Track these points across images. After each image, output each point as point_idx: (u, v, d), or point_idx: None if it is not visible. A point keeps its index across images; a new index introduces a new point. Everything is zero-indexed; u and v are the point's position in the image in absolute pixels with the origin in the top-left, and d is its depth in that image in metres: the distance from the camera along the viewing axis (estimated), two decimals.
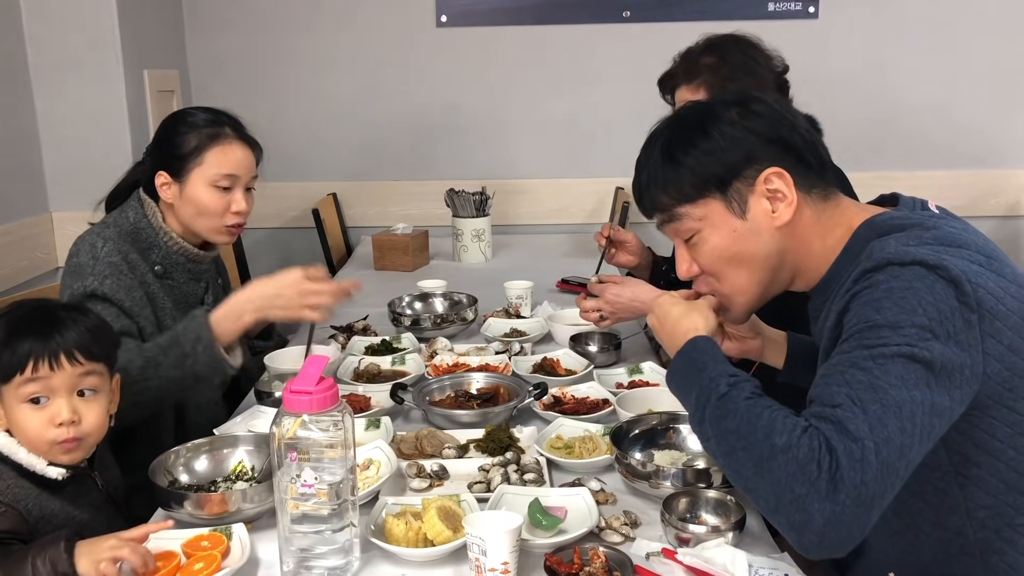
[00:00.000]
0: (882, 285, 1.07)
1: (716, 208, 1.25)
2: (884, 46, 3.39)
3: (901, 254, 1.09)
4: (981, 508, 1.11)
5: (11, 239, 2.73)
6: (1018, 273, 1.16)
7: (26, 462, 1.37)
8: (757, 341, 1.56)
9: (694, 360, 1.20)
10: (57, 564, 1.19)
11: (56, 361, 1.36)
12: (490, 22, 3.44)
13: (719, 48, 2.02)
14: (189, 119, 1.91)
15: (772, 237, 1.24)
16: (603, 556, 1.21)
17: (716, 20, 3.32)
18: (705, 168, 1.23)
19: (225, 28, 3.48)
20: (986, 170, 3.45)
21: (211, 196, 1.88)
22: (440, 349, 2.11)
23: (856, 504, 0.94)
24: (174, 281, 1.94)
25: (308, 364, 1.21)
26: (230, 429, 1.68)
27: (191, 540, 1.29)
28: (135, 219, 1.91)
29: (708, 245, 1.27)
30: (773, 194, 1.23)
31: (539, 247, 3.29)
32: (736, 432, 1.03)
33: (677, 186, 1.26)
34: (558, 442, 1.61)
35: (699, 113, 1.28)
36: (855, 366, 1.03)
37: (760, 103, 1.26)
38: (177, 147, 1.88)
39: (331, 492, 1.20)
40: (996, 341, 1.07)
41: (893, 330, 1.03)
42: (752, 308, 1.33)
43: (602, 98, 3.48)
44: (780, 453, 0.98)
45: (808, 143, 1.25)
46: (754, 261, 1.26)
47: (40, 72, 2.87)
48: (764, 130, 1.23)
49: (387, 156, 3.57)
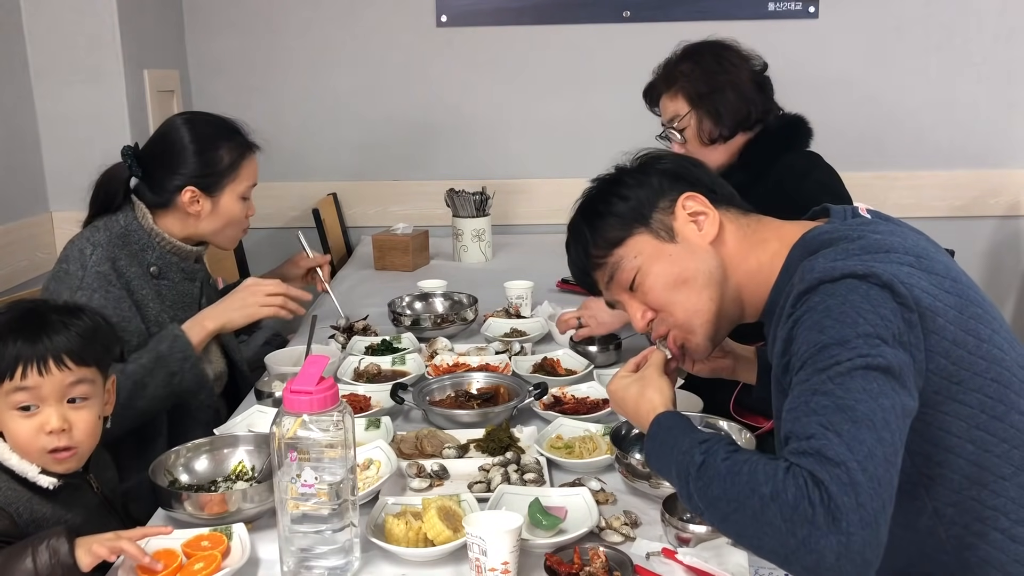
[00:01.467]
0: (819, 306, 1.09)
1: (646, 240, 1.31)
2: (884, 46, 3.39)
3: (830, 270, 1.11)
4: (948, 506, 1.11)
5: (11, 239, 2.73)
6: (951, 266, 1.17)
7: (18, 468, 1.36)
8: (727, 360, 1.57)
9: (663, 440, 1.19)
10: (58, 554, 1.19)
11: (44, 366, 1.34)
12: (490, 22, 3.44)
13: (693, 54, 2.08)
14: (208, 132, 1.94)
15: (708, 253, 1.29)
16: (603, 556, 1.21)
17: (716, 20, 3.33)
18: (625, 210, 1.33)
19: (225, 28, 3.48)
20: (986, 170, 3.45)
21: (240, 207, 1.96)
22: (440, 349, 2.11)
23: (862, 527, 0.93)
24: (170, 281, 1.95)
25: (308, 364, 1.21)
26: (230, 429, 1.68)
27: (191, 540, 1.29)
28: (126, 222, 1.91)
29: (651, 277, 1.31)
30: (695, 216, 1.30)
31: (539, 247, 3.29)
32: (724, 497, 1.02)
33: (604, 235, 1.34)
34: (558, 442, 1.61)
35: (605, 178, 1.39)
36: (817, 392, 1.02)
37: (660, 153, 1.40)
38: (211, 163, 1.91)
39: (331, 492, 1.20)
40: (940, 337, 1.08)
41: (841, 346, 1.04)
42: (713, 334, 1.33)
43: (602, 98, 3.48)
44: (770, 502, 0.97)
45: (714, 179, 1.36)
46: (697, 278, 1.29)
47: (40, 72, 2.87)
48: (671, 169, 1.35)
49: (387, 156, 3.57)
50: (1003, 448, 1.10)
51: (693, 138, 2.05)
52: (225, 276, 2.60)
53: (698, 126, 2.04)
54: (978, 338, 1.11)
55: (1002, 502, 1.10)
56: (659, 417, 1.23)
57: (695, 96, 2.03)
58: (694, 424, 1.19)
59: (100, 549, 1.21)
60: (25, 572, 1.19)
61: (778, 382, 1.17)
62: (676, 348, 1.37)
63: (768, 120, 2.05)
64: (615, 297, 1.38)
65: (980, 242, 3.50)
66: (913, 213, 3.33)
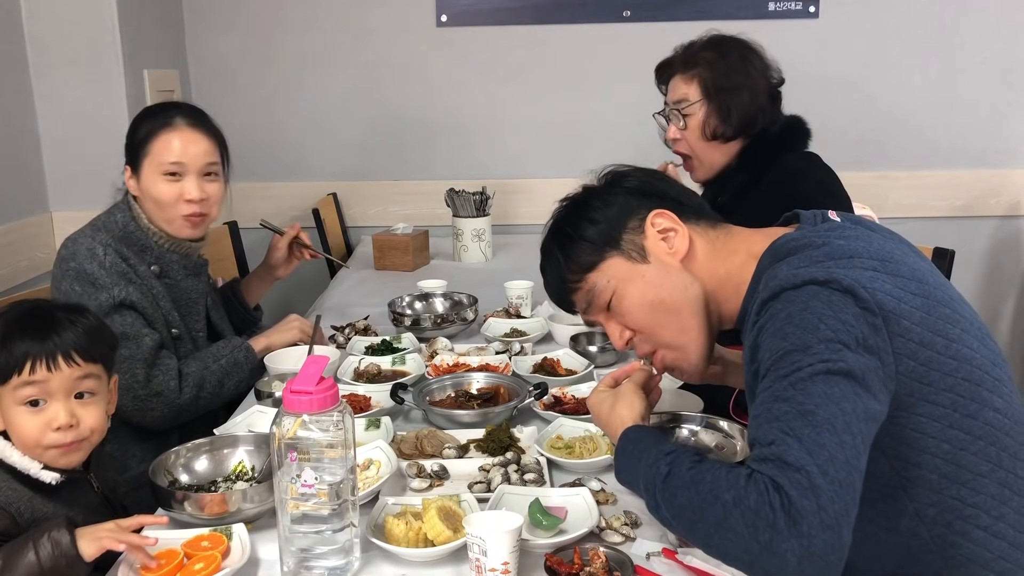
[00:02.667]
0: (781, 313, 1.09)
1: (618, 264, 1.32)
2: (884, 46, 3.39)
3: (792, 278, 1.11)
4: (929, 507, 1.11)
5: (11, 239, 2.73)
6: (918, 267, 1.17)
7: (20, 465, 1.36)
8: (717, 366, 1.57)
9: (630, 453, 1.21)
10: (60, 545, 1.19)
11: (54, 362, 1.36)
12: (490, 22, 3.44)
13: (720, 45, 2.04)
14: (148, 111, 1.95)
15: (680, 271, 1.31)
16: (603, 556, 1.21)
17: (716, 20, 3.30)
18: (594, 234, 1.33)
19: (225, 28, 3.48)
20: (986, 170, 3.45)
21: (163, 186, 1.88)
22: (440, 349, 2.11)
23: (823, 530, 0.93)
24: (171, 279, 1.95)
25: (308, 364, 1.21)
26: (230, 429, 1.68)
27: (191, 540, 1.29)
28: (123, 222, 1.91)
29: (627, 300, 1.32)
30: (664, 233, 1.31)
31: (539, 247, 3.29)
32: (689, 506, 1.03)
33: (576, 260, 1.35)
34: (558, 442, 1.61)
35: (573, 200, 1.40)
36: (779, 399, 1.03)
37: (625, 170, 1.40)
38: (131, 138, 1.91)
39: (331, 492, 1.20)
40: (906, 339, 1.08)
41: (803, 352, 1.04)
42: (704, 348, 1.34)
43: (602, 98, 3.48)
44: (733, 508, 0.97)
45: (680, 191, 1.38)
46: (672, 297, 1.30)
47: (40, 72, 2.87)
48: (636, 186, 1.36)
49: (387, 156, 3.57)
50: (979, 445, 1.10)
51: (695, 127, 2.02)
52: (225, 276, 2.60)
53: (705, 118, 2.01)
54: (947, 338, 1.11)
55: (982, 499, 1.11)
56: (626, 431, 1.25)
57: (711, 87, 2.00)
58: (661, 437, 1.20)
59: (108, 542, 1.21)
60: (28, 565, 1.20)
61: (750, 390, 1.17)
62: (661, 366, 1.39)
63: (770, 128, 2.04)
64: (593, 318, 1.40)
65: (980, 242, 3.50)
66: (913, 213, 3.33)
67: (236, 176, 2.26)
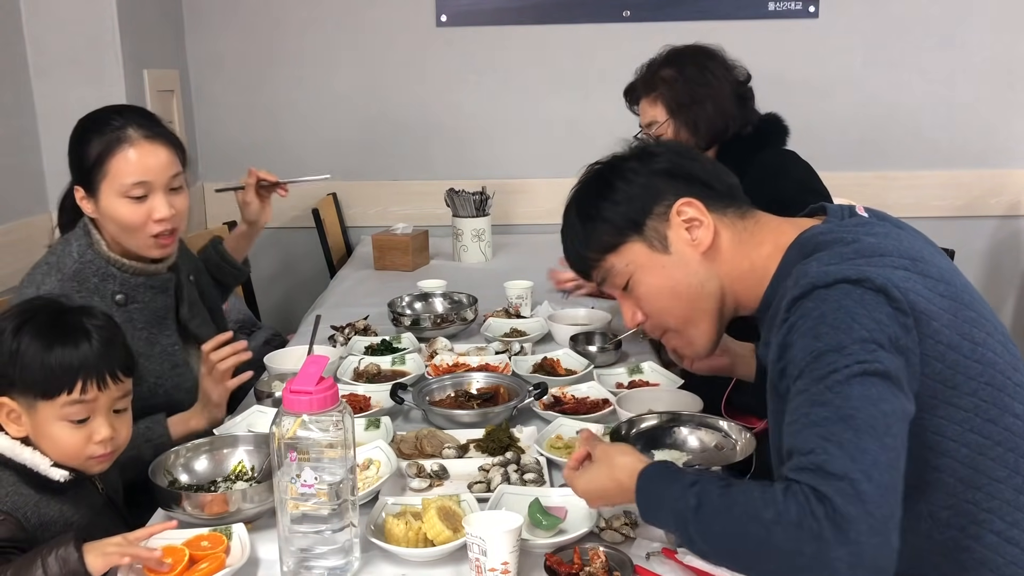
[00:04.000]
0: (814, 312, 1.08)
1: (639, 250, 1.29)
2: (884, 46, 3.39)
3: (823, 275, 1.10)
4: (943, 509, 1.11)
5: (11, 239, 2.73)
6: (947, 269, 1.17)
7: (30, 462, 1.36)
8: (725, 358, 1.57)
9: (652, 493, 1.13)
10: (68, 562, 1.19)
11: (103, 382, 1.37)
12: (490, 22, 3.44)
13: (676, 61, 2.06)
14: (92, 123, 1.74)
15: (700, 265, 1.28)
16: (603, 556, 1.21)
17: (716, 20, 3.33)
18: (617, 216, 1.29)
19: (225, 28, 3.48)
20: (986, 170, 3.45)
21: (127, 209, 1.70)
22: (440, 349, 2.11)
23: (871, 535, 0.92)
24: (140, 303, 1.79)
25: (308, 364, 1.21)
26: (229, 429, 1.68)
27: (191, 540, 1.29)
28: (80, 254, 1.75)
29: (643, 286, 1.31)
30: (689, 223, 1.27)
31: (539, 247, 3.28)
32: (726, 533, 1.01)
33: (597, 240, 1.32)
34: (558, 442, 1.61)
35: (602, 170, 1.35)
36: (816, 403, 1.02)
37: (657, 147, 1.35)
38: (82, 159, 1.71)
39: (331, 492, 1.20)
40: (934, 341, 1.08)
41: (838, 353, 1.03)
42: (712, 340, 1.34)
43: (602, 98, 3.46)
44: (773, 526, 0.95)
45: (711, 172, 1.32)
46: (689, 290, 1.28)
47: (40, 72, 2.87)
48: (665, 168, 1.30)
49: (387, 156, 3.57)
50: (997, 451, 1.10)
51: None
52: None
53: (675, 135, 2.06)
54: (972, 342, 1.10)
55: (996, 504, 1.10)
56: (641, 473, 1.16)
57: (674, 106, 2.04)
58: (678, 469, 1.16)
59: (115, 558, 1.21)
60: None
61: (773, 386, 1.16)
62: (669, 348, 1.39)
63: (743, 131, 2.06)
64: (609, 292, 1.39)
65: (980, 242, 3.50)
66: (913, 213, 3.32)
67: (236, 176, 2.27)
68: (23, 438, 1.38)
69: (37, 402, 1.35)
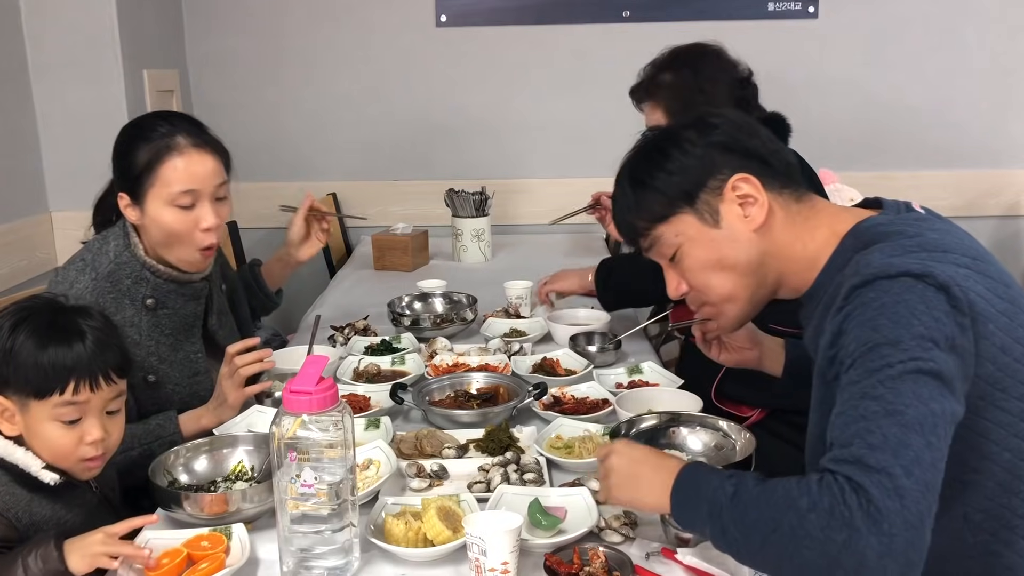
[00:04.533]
0: (874, 302, 1.07)
1: (690, 222, 1.27)
2: (884, 46, 3.39)
3: (887, 266, 1.09)
4: (978, 512, 1.11)
5: (10, 239, 2.73)
6: (1004, 271, 1.17)
7: (22, 462, 1.36)
8: (754, 351, 1.57)
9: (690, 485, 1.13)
10: (48, 561, 1.19)
11: (96, 383, 1.37)
12: (490, 22, 3.44)
13: (672, 64, 2.06)
14: (139, 130, 1.74)
15: (750, 242, 1.25)
16: (603, 556, 1.21)
17: (716, 20, 3.33)
18: (670, 186, 1.27)
19: (225, 28, 3.47)
20: (986, 170, 3.45)
21: (173, 216, 1.71)
22: (440, 349, 2.11)
23: (905, 528, 0.92)
24: (170, 309, 1.79)
25: (307, 364, 1.21)
26: (229, 429, 1.68)
27: (190, 540, 1.29)
28: (116, 255, 1.75)
29: (690, 259, 1.29)
30: (743, 199, 1.24)
31: (539, 247, 3.29)
32: (760, 519, 1.01)
33: (648, 208, 1.29)
34: (558, 442, 1.61)
35: (658, 138, 1.33)
36: (866, 396, 1.01)
37: (716, 117, 1.30)
38: (130, 166, 1.71)
39: (331, 492, 1.20)
40: (989, 343, 1.07)
41: (894, 347, 1.02)
42: (743, 316, 1.33)
43: (602, 98, 3.47)
44: (808, 513, 0.96)
45: (770, 149, 1.28)
46: (736, 267, 1.27)
47: (39, 72, 2.87)
48: (723, 141, 1.27)
49: (387, 156, 3.57)
50: None
51: None
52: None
53: None
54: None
55: None
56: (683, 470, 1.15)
57: (673, 112, 2.04)
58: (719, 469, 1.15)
59: (100, 559, 1.21)
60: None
61: (821, 374, 1.15)
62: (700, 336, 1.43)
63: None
64: (651, 257, 1.36)
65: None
66: None
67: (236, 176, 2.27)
68: (16, 437, 1.38)
69: (30, 401, 1.35)
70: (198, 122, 1.80)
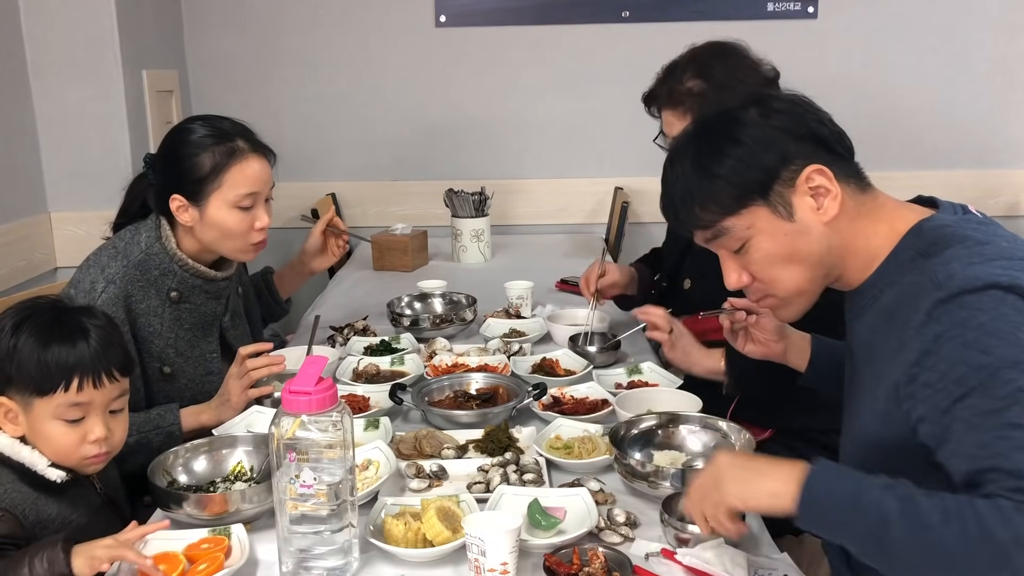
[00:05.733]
0: (970, 322, 1.03)
1: (762, 214, 1.20)
2: (883, 46, 3.39)
3: (971, 279, 1.05)
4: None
5: (10, 239, 2.73)
6: None
7: (28, 461, 1.36)
8: (781, 344, 1.55)
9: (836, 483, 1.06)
10: (54, 564, 1.19)
11: (99, 381, 1.37)
12: (489, 22, 3.44)
13: (702, 66, 1.91)
14: (199, 137, 1.80)
15: (822, 234, 1.20)
16: (602, 556, 1.21)
17: (715, 20, 3.33)
18: (742, 176, 1.19)
19: (224, 28, 3.47)
20: (986, 170, 3.45)
21: (235, 218, 1.79)
22: (439, 349, 2.11)
23: None
24: (192, 304, 1.85)
25: (307, 364, 1.21)
26: (229, 429, 1.68)
27: (193, 544, 1.28)
28: (147, 245, 1.81)
29: (761, 252, 1.23)
30: (816, 191, 1.19)
31: (538, 247, 3.29)
32: (944, 543, 0.95)
33: (716, 199, 1.21)
34: (557, 442, 1.61)
35: (724, 121, 1.23)
36: (1012, 426, 0.98)
37: (779, 101, 1.23)
38: (191, 170, 1.77)
39: (330, 493, 1.20)
40: None
41: (1015, 368, 0.99)
42: (805, 309, 1.29)
43: (601, 98, 3.47)
44: (1015, 547, 0.92)
45: (835, 133, 1.23)
46: (808, 260, 1.22)
47: (39, 72, 2.87)
48: (792, 127, 1.20)
49: (386, 156, 3.57)
50: None
51: None
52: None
53: None
54: None
55: None
56: (814, 472, 1.07)
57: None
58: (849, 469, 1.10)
59: (102, 563, 1.21)
60: None
61: (895, 385, 1.11)
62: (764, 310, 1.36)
63: None
64: (711, 247, 1.29)
65: None
66: None
67: None
68: (21, 437, 1.38)
69: (33, 400, 1.36)
70: (247, 126, 1.87)
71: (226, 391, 1.75)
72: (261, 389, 1.76)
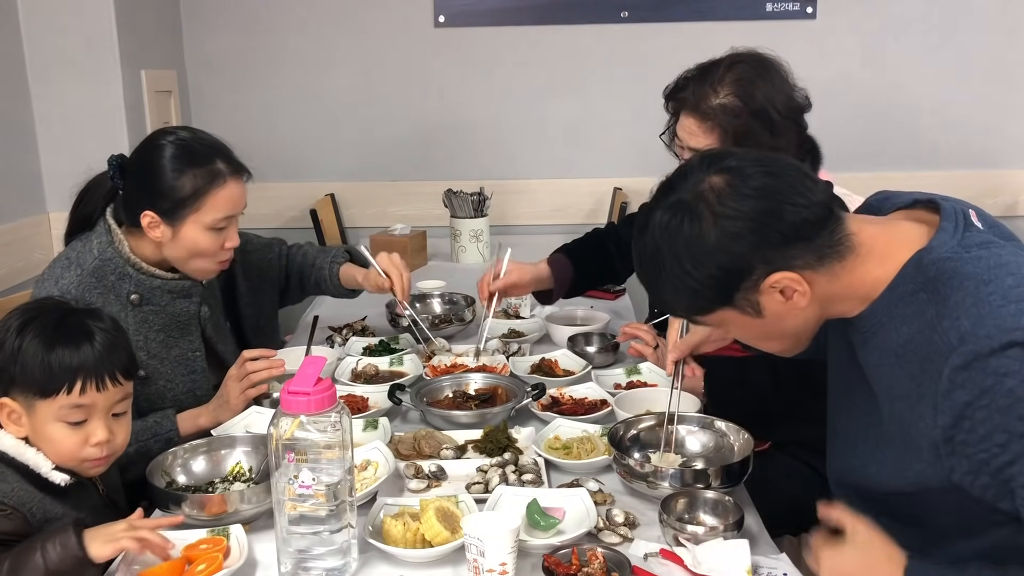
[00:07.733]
0: (999, 390, 1.02)
1: (730, 314, 1.20)
2: (882, 46, 3.39)
3: (987, 341, 1.03)
4: None
5: (8, 240, 2.73)
6: None
7: (32, 463, 1.36)
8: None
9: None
10: (68, 548, 1.19)
11: (102, 383, 1.37)
12: (488, 22, 3.44)
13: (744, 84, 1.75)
14: (177, 155, 1.74)
15: (798, 314, 1.19)
16: (601, 557, 1.21)
17: (715, 20, 3.33)
18: (703, 294, 1.18)
19: (223, 28, 3.47)
20: (985, 170, 3.45)
21: (208, 239, 1.76)
22: (438, 350, 2.11)
23: None
24: (155, 305, 1.81)
25: (306, 365, 1.21)
26: (227, 430, 1.68)
27: (192, 545, 1.28)
28: (100, 251, 1.78)
29: (737, 334, 1.31)
30: (783, 291, 1.16)
31: (538, 248, 3.27)
32: None
33: (684, 306, 1.24)
34: (556, 443, 1.61)
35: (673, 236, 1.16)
36: None
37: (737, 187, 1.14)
38: (170, 191, 1.72)
39: (329, 493, 1.20)
40: None
41: None
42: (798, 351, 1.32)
43: (600, 98, 3.47)
44: None
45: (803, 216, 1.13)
46: (786, 333, 1.24)
47: (37, 72, 2.87)
48: (749, 230, 1.12)
49: (385, 156, 3.57)
50: None
51: None
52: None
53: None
54: None
55: None
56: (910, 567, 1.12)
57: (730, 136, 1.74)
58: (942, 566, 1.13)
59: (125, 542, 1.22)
60: (35, 568, 1.19)
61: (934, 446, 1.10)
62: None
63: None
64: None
65: None
66: None
67: None
68: (24, 438, 1.38)
69: (36, 401, 1.35)
70: (224, 143, 1.81)
71: (225, 392, 1.75)
72: (257, 388, 1.76)
